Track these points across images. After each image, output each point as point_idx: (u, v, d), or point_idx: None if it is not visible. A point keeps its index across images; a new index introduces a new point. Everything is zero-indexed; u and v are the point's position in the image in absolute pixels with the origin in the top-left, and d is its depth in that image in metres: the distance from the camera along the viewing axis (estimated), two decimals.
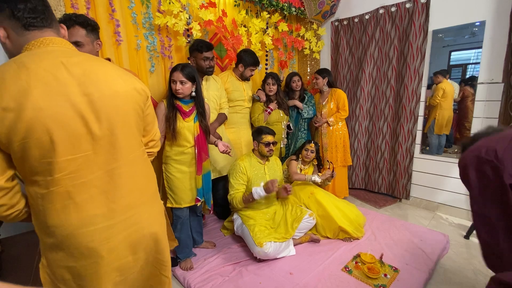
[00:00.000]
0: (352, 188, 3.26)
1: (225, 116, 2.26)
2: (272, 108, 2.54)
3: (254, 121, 2.61)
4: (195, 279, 1.72)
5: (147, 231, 0.88)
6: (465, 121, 2.47)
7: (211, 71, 2.07)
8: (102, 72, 0.80)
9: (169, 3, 2.02)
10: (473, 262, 1.91)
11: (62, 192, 0.74)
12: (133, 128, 0.87)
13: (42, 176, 0.72)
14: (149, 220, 0.90)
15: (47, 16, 0.79)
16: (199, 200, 1.79)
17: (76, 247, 0.76)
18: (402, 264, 1.81)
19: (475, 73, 2.37)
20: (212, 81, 2.16)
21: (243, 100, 2.47)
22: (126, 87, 0.83)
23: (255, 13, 2.73)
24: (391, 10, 2.74)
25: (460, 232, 2.30)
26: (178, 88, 1.64)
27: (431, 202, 2.76)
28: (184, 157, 1.73)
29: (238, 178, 1.99)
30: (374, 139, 3.06)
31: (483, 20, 2.26)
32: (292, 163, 2.34)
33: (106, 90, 0.78)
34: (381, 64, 2.91)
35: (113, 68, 0.85)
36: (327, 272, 1.76)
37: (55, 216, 0.74)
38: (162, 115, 1.68)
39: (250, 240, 1.87)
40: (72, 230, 0.75)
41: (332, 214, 2.09)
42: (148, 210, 0.90)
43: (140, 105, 0.88)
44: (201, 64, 2.00)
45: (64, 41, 0.81)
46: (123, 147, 0.82)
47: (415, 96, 2.69)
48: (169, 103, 1.70)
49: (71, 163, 0.73)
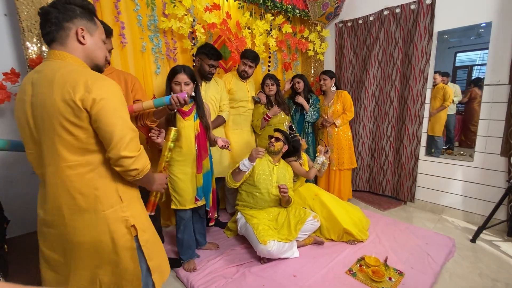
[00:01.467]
0: (356, 190, 3.24)
1: (223, 120, 2.27)
2: (270, 116, 2.51)
3: (254, 125, 2.61)
4: (198, 280, 1.72)
5: (73, 239, 0.93)
6: (471, 123, 2.44)
7: (210, 78, 2.09)
8: (50, 78, 0.85)
9: (173, 7, 2.03)
10: (480, 266, 1.88)
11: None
12: (55, 140, 0.85)
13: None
14: (75, 230, 0.92)
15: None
16: (198, 200, 1.78)
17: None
18: (407, 268, 1.79)
19: (481, 74, 2.35)
20: (213, 83, 2.17)
21: (246, 101, 2.48)
22: (56, 96, 0.82)
23: (259, 15, 2.74)
24: (396, 11, 2.73)
25: (466, 236, 2.27)
26: (184, 89, 1.65)
27: (437, 204, 2.73)
28: (186, 157, 1.74)
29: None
30: (379, 141, 3.04)
31: (489, 21, 2.24)
32: (294, 163, 2.32)
33: (40, 98, 0.86)
34: (385, 66, 2.90)
35: (64, 74, 0.84)
36: (331, 275, 1.75)
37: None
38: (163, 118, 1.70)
39: (254, 238, 1.86)
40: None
41: (336, 216, 2.08)
42: (75, 220, 0.92)
43: (66, 117, 0.83)
44: (205, 68, 2.02)
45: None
46: (45, 157, 0.89)
47: (420, 97, 2.67)
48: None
49: (29, 156, 0.94)
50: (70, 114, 0.83)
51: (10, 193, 1.70)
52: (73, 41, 0.91)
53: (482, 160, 2.39)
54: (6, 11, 1.62)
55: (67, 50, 0.90)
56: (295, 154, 2.32)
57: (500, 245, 2.13)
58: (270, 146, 2.10)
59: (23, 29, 1.51)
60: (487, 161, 2.36)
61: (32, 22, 1.53)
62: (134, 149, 0.89)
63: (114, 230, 0.94)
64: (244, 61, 2.37)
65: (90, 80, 0.84)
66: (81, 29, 0.90)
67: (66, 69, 0.86)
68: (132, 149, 0.89)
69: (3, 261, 1.33)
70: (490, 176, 2.36)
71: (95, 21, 0.97)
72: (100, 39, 0.98)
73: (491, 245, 2.14)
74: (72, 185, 0.89)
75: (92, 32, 0.95)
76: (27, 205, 1.76)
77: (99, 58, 0.98)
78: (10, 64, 1.63)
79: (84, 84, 0.82)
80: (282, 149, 2.14)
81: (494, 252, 2.05)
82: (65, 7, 0.89)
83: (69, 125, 0.84)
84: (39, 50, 1.57)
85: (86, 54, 0.94)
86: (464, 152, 2.52)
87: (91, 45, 0.94)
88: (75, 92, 0.81)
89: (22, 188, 1.74)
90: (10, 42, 1.65)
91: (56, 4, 0.89)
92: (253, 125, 2.62)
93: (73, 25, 0.90)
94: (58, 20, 0.88)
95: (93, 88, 0.83)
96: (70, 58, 0.90)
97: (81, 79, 0.83)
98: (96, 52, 0.96)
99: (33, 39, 1.55)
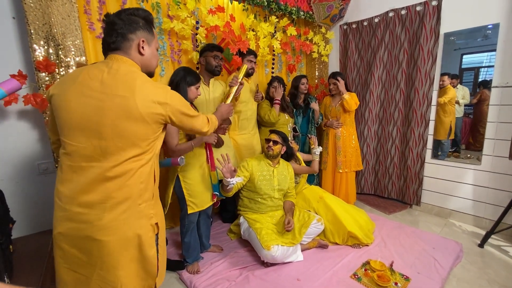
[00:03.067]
0: (361, 193, 3.20)
1: (229, 121, 2.26)
2: (279, 98, 2.46)
3: (266, 120, 2.49)
4: (202, 283, 1.71)
5: (99, 237, 0.94)
6: (480, 125, 2.40)
7: (219, 70, 2.08)
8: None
9: (177, 8, 2.05)
10: (488, 271, 1.84)
11: None
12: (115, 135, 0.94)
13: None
14: (104, 225, 0.96)
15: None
16: (216, 196, 1.82)
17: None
18: (413, 273, 1.76)
19: (488, 76, 2.31)
20: (218, 85, 2.18)
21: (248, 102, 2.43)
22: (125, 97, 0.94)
23: (264, 18, 2.74)
24: (401, 13, 2.71)
25: (474, 240, 2.22)
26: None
27: (444, 208, 2.68)
28: (198, 158, 1.76)
29: (239, 170, 2.00)
30: (384, 144, 3.01)
31: (497, 23, 2.21)
32: (293, 164, 2.29)
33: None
34: (390, 68, 2.87)
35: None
36: (336, 279, 1.73)
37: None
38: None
39: (257, 243, 1.85)
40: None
41: (341, 219, 2.06)
42: (108, 215, 0.94)
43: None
44: (211, 62, 2.02)
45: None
46: (106, 149, 0.93)
47: (426, 99, 2.64)
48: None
49: (76, 147, 0.95)
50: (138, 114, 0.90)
51: (16, 194, 1.71)
52: (135, 51, 0.97)
53: (490, 163, 2.35)
54: (14, 14, 1.65)
55: (131, 58, 0.97)
56: (291, 158, 2.31)
57: (509, 251, 2.08)
58: (269, 150, 2.07)
59: (31, 32, 1.53)
60: (496, 164, 2.32)
61: (40, 25, 1.55)
62: (209, 128, 1.18)
63: (141, 226, 0.95)
64: (249, 58, 2.37)
65: (164, 89, 0.98)
66: (142, 41, 0.97)
67: (133, 74, 0.94)
68: (209, 128, 1.17)
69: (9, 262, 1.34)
70: (499, 180, 2.31)
71: (153, 31, 1.03)
72: (155, 48, 1.05)
73: (500, 250, 2.10)
74: (120, 178, 0.91)
75: (150, 42, 1.01)
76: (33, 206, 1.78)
77: (153, 65, 1.05)
78: (18, 66, 1.65)
79: (157, 91, 0.95)
80: (281, 151, 2.12)
81: (503, 257, 2.01)
82: (130, 19, 0.95)
83: (131, 124, 0.90)
84: (46, 52, 1.59)
85: (143, 63, 1.01)
86: (471, 155, 2.48)
87: (148, 55, 1.01)
88: (144, 98, 0.91)
89: (28, 189, 1.76)
90: (17, 44, 1.67)
91: (121, 15, 0.94)
92: (266, 120, 2.49)
93: (136, 37, 0.96)
94: (123, 31, 0.94)
95: (168, 95, 0.97)
96: (136, 66, 0.98)
97: (151, 86, 0.94)
98: (152, 60, 1.03)
99: (40, 41, 1.57)
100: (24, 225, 1.71)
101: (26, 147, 1.75)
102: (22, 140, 1.73)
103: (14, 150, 1.71)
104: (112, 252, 0.91)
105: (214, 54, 2.02)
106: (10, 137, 1.69)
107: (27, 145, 1.75)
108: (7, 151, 1.69)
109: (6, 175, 1.69)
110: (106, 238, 0.90)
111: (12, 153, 1.71)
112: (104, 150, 0.89)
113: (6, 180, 1.68)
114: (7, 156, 1.70)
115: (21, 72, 1.57)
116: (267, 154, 2.10)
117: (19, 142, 1.72)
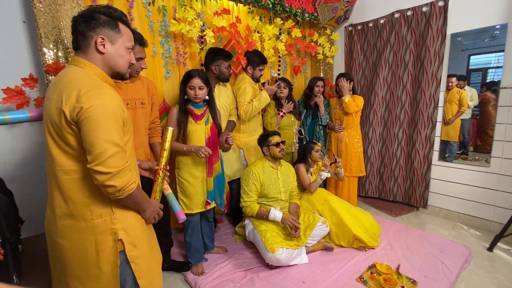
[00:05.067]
0: (366, 197, 3.17)
1: (235, 123, 2.27)
2: (285, 111, 2.52)
3: (266, 125, 2.60)
4: (206, 284, 1.71)
5: (61, 242, 0.98)
6: (487, 127, 2.36)
7: (229, 79, 2.13)
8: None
9: (184, 11, 2.07)
10: (498, 276, 1.80)
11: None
12: (52, 143, 0.92)
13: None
14: (64, 233, 0.98)
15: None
16: (209, 203, 1.79)
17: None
18: (420, 276, 1.74)
19: (496, 77, 2.28)
20: (223, 88, 2.18)
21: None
22: (54, 102, 0.88)
23: (268, 20, 2.75)
24: (407, 14, 2.69)
25: (482, 244, 2.18)
26: (198, 93, 1.67)
27: (451, 211, 2.64)
28: (197, 160, 1.75)
29: (251, 185, 1.97)
30: (389, 146, 2.98)
31: (505, 23, 2.18)
32: (301, 168, 2.29)
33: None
34: (396, 69, 2.85)
35: (66, 82, 0.91)
36: (341, 282, 1.71)
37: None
38: (174, 120, 1.72)
39: (262, 245, 1.85)
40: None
41: (346, 222, 2.04)
42: (64, 224, 0.97)
43: (59, 124, 0.87)
44: (224, 72, 2.03)
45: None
46: (46, 157, 0.97)
47: (432, 101, 2.62)
48: (181, 108, 1.73)
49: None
50: (63, 121, 0.84)
51: (25, 194, 1.74)
52: (93, 50, 0.92)
53: (499, 166, 2.31)
54: (24, 18, 1.69)
55: (87, 58, 0.92)
56: (303, 158, 2.31)
57: None
58: (281, 152, 2.04)
59: (40, 36, 1.56)
60: (505, 166, 2.28)
61: (49, 29, 1.58)
62: (113, 165, 0.83)
63: (100, 241, 0.92)
64: (260, 67, 2.34)
65: (84, 89, 0.83)
66: (101, 38, 0.91)
67: (71, 75, 0.88)
68: (110, 165, 0.83)
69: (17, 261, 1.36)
70: (508, 182, 2.27)
71: (119, 28, 0.95)
72: (123, 47, 0.97)
73: (510, 254, 2.05)
74: (64, 189, 0.91)
75: (114, 40, 0.94)
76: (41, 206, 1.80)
77: (119, 65, 0.97)
78: (29, 69, 1.69)
79: (77, 92, 0.83)
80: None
81: None
82: (90, 16, 0.91)
83: (63, 132, 0.86)
84: (56, 55, 1.62)
85: (105, 63, 0.95)
86: (480, 157, 2.44)
87: (111, 53, 0.94)
88: (66, 101, 0.83)
89: (37, 188, 1.79)
90: (28, 48, 1.71)
91: (84, 14, 0.92)
92: (265, 124, 2.59)
93: (95, 34, 0.91)
94: (82, 29, 0.90)
95: (84, 97, 0.82)
96: (88, 66, 0.92)
97: (76, 88, 0.83)
98: (116, 59, 0.96)
99: (50, 45, 1.60)
100: (32, 225, 1.74)
101: (34, 148, 1.78)
102: (30, 141, 1.77)
103: (23, 151, 1.75)
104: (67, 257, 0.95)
105: (228, 65, 2.03)
106: (19, 138, 1.73)
107: (35, 147, 1.78)
108: (16, 153, 1.73)
109: (15, 176, 1.73)
110: (63, 242, 0.93)
111: (21, 154, 1.74)
112: (49, 153, 0.92)
113: (15, 181, 1.72)
114: (16, 157, 1.73)
115: (32, 76, 1.61)
116: (280, 157, 2.07)
117: (27, 144, 1.76)
